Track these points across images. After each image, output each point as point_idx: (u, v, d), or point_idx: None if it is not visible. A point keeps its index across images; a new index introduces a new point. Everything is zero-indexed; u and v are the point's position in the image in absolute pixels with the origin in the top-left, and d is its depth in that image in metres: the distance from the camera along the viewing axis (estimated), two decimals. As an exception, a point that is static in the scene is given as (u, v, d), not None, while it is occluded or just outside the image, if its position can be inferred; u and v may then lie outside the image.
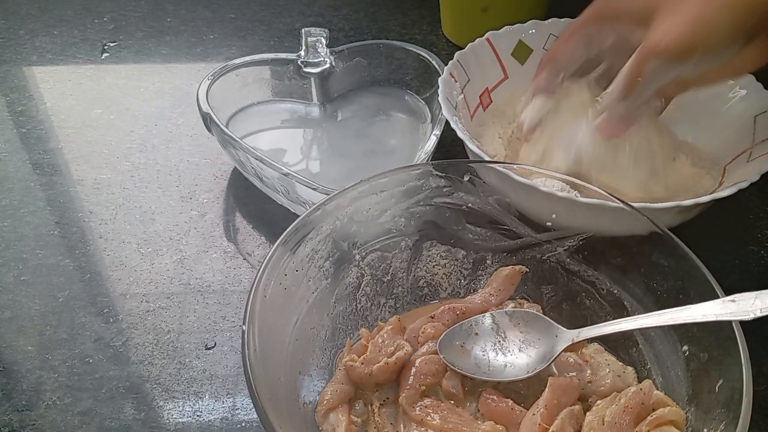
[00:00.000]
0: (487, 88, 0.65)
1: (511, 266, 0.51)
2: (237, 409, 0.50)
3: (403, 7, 0.89)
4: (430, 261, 0.53)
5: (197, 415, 0.49)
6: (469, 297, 0.51)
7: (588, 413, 0.43)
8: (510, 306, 0.50)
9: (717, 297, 0.40)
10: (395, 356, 0.45)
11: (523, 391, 0.46)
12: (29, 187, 0.66)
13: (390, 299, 0.52)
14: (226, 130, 0.61)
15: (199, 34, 0.85)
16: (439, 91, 0.60)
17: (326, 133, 0.71)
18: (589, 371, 0.46)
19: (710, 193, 0.52)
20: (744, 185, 0.51)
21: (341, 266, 0.49)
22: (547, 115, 0.56)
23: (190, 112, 0.73)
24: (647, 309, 0.46)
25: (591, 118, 0.53)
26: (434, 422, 0.43)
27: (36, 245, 0.61)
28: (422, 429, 0.43)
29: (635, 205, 0.46)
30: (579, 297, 0.50)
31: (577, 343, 0.45)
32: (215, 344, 0.54)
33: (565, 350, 0.45)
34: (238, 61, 0.69)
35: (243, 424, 0.49)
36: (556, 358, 0.45)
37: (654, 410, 0.41)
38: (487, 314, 0.48)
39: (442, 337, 0.47)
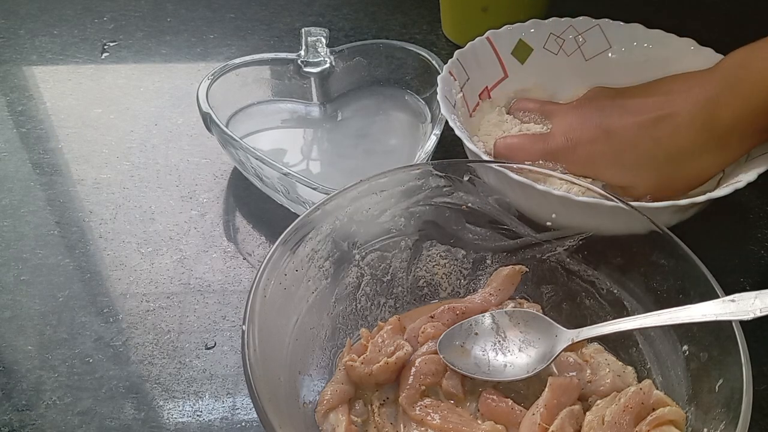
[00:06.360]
0: (486, 87, 0.65)
1: (511, 266, 0.51)
2: (237, 409, 0.50)
3: (403, 7, 0.89)
4: (430, 261, 0.53)
5: (197, 415, 0.49)
6: (469, 297, 0.51)
7: (588, 413, 0.43)
8: (510, 306, 0.50)
9: (717, 297, 0.40)
10: (395, 356, 0.45)
11: (523, 390, 0.46)
12: (29, 187, 0.66)
13: (390, 299, 0.52)
14: (226, 130, 0.61)
15: (199, 34, 0.85)
16: (438, 89, 0.59)
17: (326, 133, 0.71)
18: (589, 371, 0.46)
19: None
20: (740, 185, 0.51)
21: (341, 266, 0.49)
22: None
23: (190, 112, 0.73)
24: (647, 309, 0.46)
25: None
26: (434, 422, 0.43)
27: (36, 245, 0.61)
28: (422, 429, 0.43)
29: (632, 204, 0.46)
30: (579, 297, 0.50)
31: (577, 342, 0.45)
32: (215, 344, 0.54)
33: (565, 350, 0.45)
34: (238, 60, 0.69)
35: (243, 424, 0.49)
36: (556, 357, 0.45)
37: (654, 410, 0.41)
38: (487, 314, 0.48)
39: (442, 337, 0.47)
